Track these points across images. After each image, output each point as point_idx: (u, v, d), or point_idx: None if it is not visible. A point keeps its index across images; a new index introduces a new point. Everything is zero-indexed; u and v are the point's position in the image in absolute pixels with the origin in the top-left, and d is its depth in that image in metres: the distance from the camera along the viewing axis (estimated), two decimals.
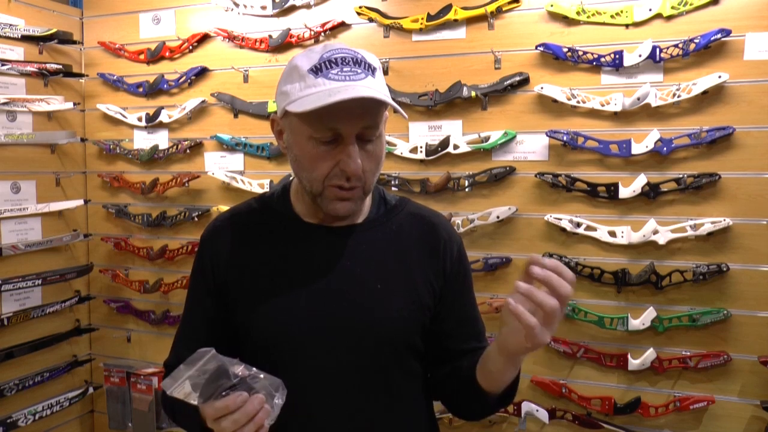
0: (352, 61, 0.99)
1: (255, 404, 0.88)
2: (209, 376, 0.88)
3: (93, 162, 2.87)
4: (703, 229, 1.97)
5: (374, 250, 1.12)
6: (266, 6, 2.48)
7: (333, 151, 1.01)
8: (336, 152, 1.00)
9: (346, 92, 0.95)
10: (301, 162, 1.04)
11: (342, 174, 1.01)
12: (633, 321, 2.05)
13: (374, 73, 1.01)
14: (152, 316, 2.76)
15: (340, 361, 1.08)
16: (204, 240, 1.19)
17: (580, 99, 2.08)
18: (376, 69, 1.02)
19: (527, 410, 2.19)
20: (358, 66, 0.99)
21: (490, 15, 2.19)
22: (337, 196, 1.04)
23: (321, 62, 0.99)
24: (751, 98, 1.94)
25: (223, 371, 0.88)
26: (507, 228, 2.23)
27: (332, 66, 0.98)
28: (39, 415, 2.60)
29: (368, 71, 0.99)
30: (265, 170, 2.55)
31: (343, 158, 1.00)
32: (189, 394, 0.88)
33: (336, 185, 1.03)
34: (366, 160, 1.02)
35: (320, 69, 0.98)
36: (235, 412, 0.87)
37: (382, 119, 1.04)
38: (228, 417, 0.88)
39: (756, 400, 1.99)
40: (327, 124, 0.98)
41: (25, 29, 2.56)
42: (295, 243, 1.12)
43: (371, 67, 1.01)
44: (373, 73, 1.00)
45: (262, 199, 1.20)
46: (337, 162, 1.01)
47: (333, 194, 1.04)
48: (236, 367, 0.89)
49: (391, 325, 1.09)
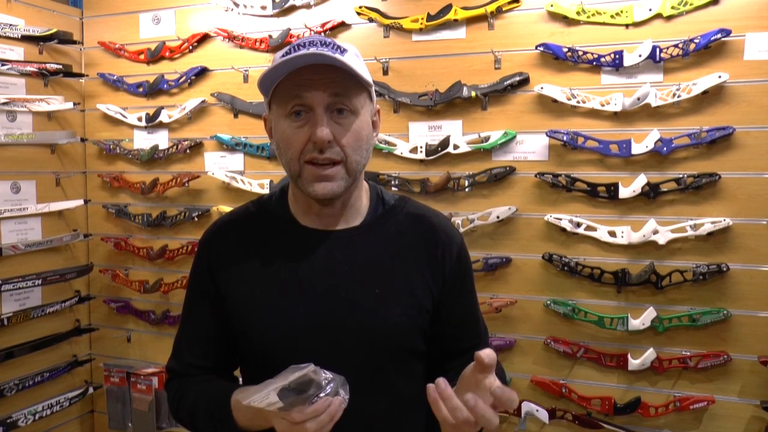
0: (319, 42, 1.01)
1: (337, 405, 0.92)
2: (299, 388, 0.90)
3: (93, 162, 2.87)
4: (703, 229, 1.97)
5: (372, 253, 1.11)
6: (266, 6, 2.48)
7: (305, 126, 1.02)
8: (307, 127, 1.02)
9: (304, 58, 0.98)
10: (279, 145, 1.06)
11: (314, 147, 1.01)
12: (633, 321, 2.05)
13: (343, 52, 1.01)
14: (152, 316, 2.76)
15: (339, 364, 1.07)
16: (202, 245, 1.19)
17: (580, 99, 2.08)
18: (347, 50, 1.02)
19: (527, 410, 2.19)
20: (326, 46, 1.01)
21: (490, 15, 2.19)
22: (314, 175, 1.03)
23: (291, 47, 1.02)
24: (751, 98, 1.94)
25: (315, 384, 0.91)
26: (507, 228, 2.23)
27: (300, 48, 1.01)
28: (39, 415, 2.60)
29: (336, 50, 1.01)
30: (265, 170, 2.55)
31: (312, 129, 1.01)
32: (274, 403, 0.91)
33: (310, 160, 1.02)
34: (340, 132, 1.02)
35: (289, 51, 1.01)
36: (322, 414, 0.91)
37: (358, 96, 1.04)
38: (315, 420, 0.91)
39: (756, 400, 1.99)
40: (291, 94, 1.01)
41: (25, 29, 2.56)
42: (292, 247, 1.11)
43: (340, 48, 1.02)
44: (342, 52, 1.01)
45: (260, 203, 1.20)
46: (310, 136, 1.01)
47: (311, 173, 1.03)
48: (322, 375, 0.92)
49: (390, 329, 1.09)
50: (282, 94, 1.03)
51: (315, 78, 1.00)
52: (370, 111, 1.09)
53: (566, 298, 2.16)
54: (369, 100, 1.09)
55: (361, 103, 1.05)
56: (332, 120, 1.02)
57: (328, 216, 1.11)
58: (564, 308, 2.15)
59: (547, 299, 2.17)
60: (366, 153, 1.07)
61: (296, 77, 1.00)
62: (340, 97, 1.02)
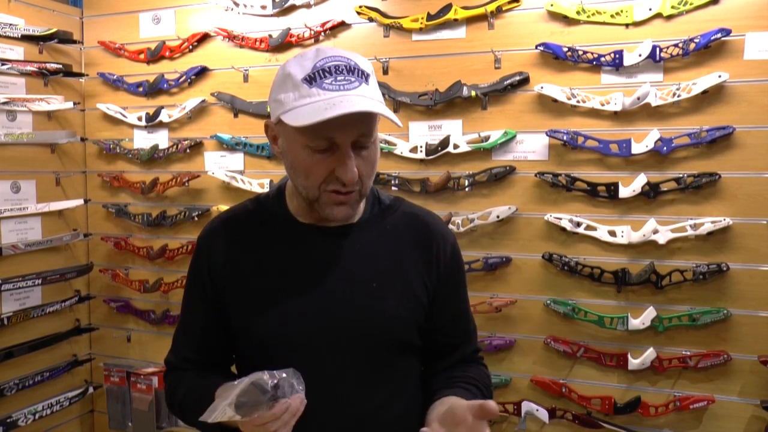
0: (345, 69, 0.99)
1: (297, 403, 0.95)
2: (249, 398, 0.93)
3: (93, 162, 2.87)
4: (703, 228, 1.97)
5: (369, 249, 1.12)
6: (266, 5, 2.48)
7: (328, 159, 1.01)
8: (331, 160, 1.01)
9: (342, 106, 0.94)
10: (297, 169, 1.05)
11: (338, 181, 1.02)
12: (633, 321, 2.05)
13: (368, 79, 1.01)
14: (152, 316, 2.76)
15: (337, 359, 1.09)
16: (200, 242, 1.20)
17: (580, 99, 2.08)
18: (369, 75, 1.02)
19: (527, 410, 2.19)
20: (352, 74, 0.99)
21: (490, 15, 2.19)
22: (334, 201, 1.04)
23: (315, 71, 0.98)
24: (751, 98, 1.94)
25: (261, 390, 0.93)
26: (507, 227, 2.23)
27: (326, 75, 0.98)
28: (39, 415, 2.60)
29: (362, 78, 0.99)
30: (265, 170, 2.55)
31: (339, 167, 1.00)
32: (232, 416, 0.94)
33: (332, 190, 1.03)
34: (362, 166, 1.02)
35: (314, 78, 0.98)
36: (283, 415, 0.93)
37: (377, 125, 1.04)
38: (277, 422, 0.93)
39: (756, 399, 1.99)
40: (322, 134, 0.98)
41: (25, 29, 2.56)
42: (290, 244, 1.13)
43: (365, 74, 1.01)
44: (366, 80, 1.00)
45: (258, 201, 1.21)
46: (333, 169, 1.01)
47: (330, 199, 1.04)
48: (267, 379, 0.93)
49: (387, 323, 1.10)
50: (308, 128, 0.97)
51: (345, 119, 0.95)
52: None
53: (566, 298, 2.16)
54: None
55: (377, 128, 1.05)
56: (356, 155, 1.01)
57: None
58: (564, 308, 2.15)
59: (547, 299, 2.17)
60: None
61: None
62: (366, 137, 1.01)
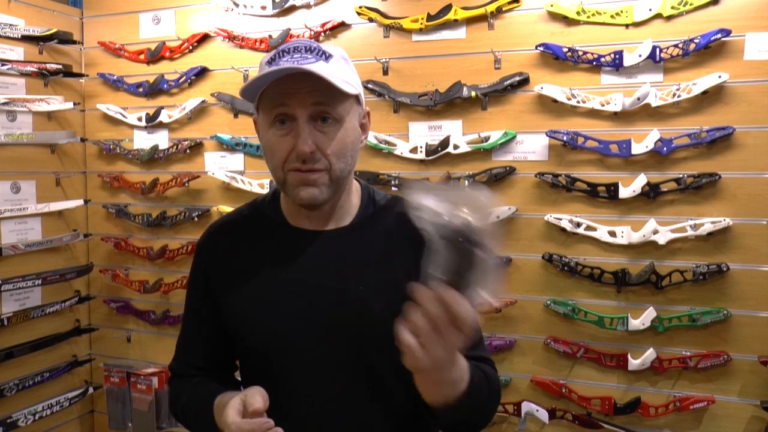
0: (304, 49, 1.01)
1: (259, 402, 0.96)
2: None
3: (93, 162, 2.87)
4: (703, 229, 1.97)
5: (358, 252, 1.12)
6: (266, 6, 2.48)
7: (288, 135, 1.02)
8: (291, 136, 1.02)
9: (284, 71, 0.98)
10: (266, 153, 1.07)
11: (297, 158, 1.01)
12: (633, 321, 2.05)
13: (328, 58, 1.01)
14: (152, 316, 2.76)
15: (329, 361, 1.09)
16: (199, 248, 1.22)
17: (580, 99, 2.08)
18: (332, 56, 1.02)
19: (527, 410, 2.19)
20: (310, 52, 1.01)
21: (490, 15, 2.19)
22: (299, 181, 1.03)
23: (276, 53, 1.02)
24: (751, 98, 1.94)
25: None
26: (507, 228, 2.23)
27: (284, 54, 1.01)
28: (39, 415, 2.60)
29: (320, 57, 1.01)
30: (265, 170, 2.54)
31: (296, 140, 1.01)
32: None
33: (294, 168, 1.03)
34: (323, 141, 1.02)
35: (274, 59, 1.01)
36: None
37: (344, 103, 1.03)
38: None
39: (756, 400, 1.99)
40: (275, 103, 1.01)
41: (25, 29, 2.56)
42: (283, 248, 1.13)
43: (325, 53, 1.02)
44: (326, 58, 1.01)
45: (254, 205, 1.22)
46: (293, 146, 1.01)
47: (295, 180, 1.03)
48: None
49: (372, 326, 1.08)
50: (267, 102, 1.03)
51: (298, 87, 0.99)
52: (357, 115, 1.08)
53: (566, 298, 2.16)
54: (357, 104, 1.08)
55: (347, 109, 1.04)
56: (316, 129, 1.01)
57: (317, 218, 1.12)
58: (564, 308, 2.15)
59: (547, 299, 2.17)
60: (351, 159, 1.07)
61: (280, 85, 1.00)
62: (323, 106, 1.01)
